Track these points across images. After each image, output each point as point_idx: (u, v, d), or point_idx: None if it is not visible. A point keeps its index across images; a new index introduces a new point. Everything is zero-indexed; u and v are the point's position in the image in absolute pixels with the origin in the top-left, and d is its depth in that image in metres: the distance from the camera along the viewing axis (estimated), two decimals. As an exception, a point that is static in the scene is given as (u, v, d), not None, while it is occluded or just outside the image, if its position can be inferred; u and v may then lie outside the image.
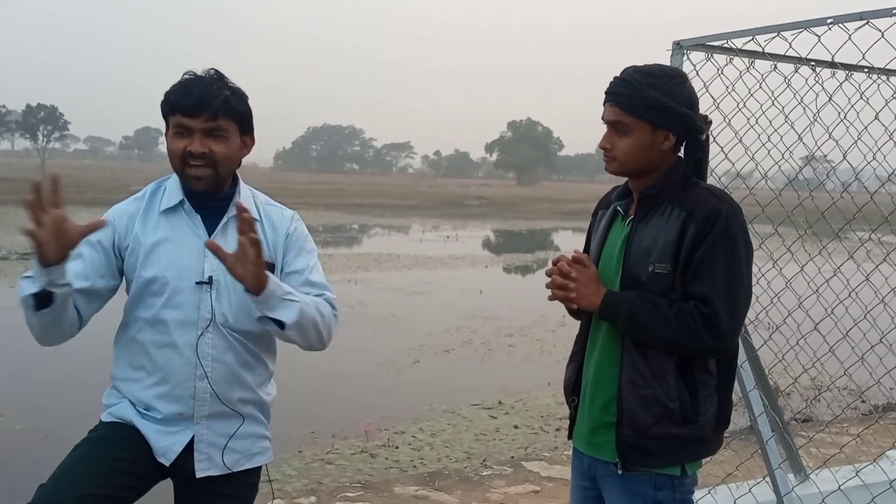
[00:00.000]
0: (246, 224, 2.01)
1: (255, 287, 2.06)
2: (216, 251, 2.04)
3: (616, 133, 2.20)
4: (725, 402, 2.22)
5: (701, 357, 2.15)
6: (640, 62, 2.23)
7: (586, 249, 2.40)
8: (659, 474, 2.17)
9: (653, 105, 2.13)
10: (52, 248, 1.97)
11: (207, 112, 2.21)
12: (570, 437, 2.40)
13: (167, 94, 2.25)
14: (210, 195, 2.30)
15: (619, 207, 2.30)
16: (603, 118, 2.23)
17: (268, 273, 2.08)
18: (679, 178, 2.20)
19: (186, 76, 2.27)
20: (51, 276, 2.00)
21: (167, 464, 2.26)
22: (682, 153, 2.25)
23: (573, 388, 2.35)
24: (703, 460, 2.30)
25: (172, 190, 2.33)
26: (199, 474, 2.27)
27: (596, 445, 2.26)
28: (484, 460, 5.94)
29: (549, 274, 2.25)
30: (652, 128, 2.16)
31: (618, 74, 2.22)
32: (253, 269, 2.03)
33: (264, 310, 2.12)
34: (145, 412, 2.28)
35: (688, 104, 2.18)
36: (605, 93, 2.22)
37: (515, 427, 7.08)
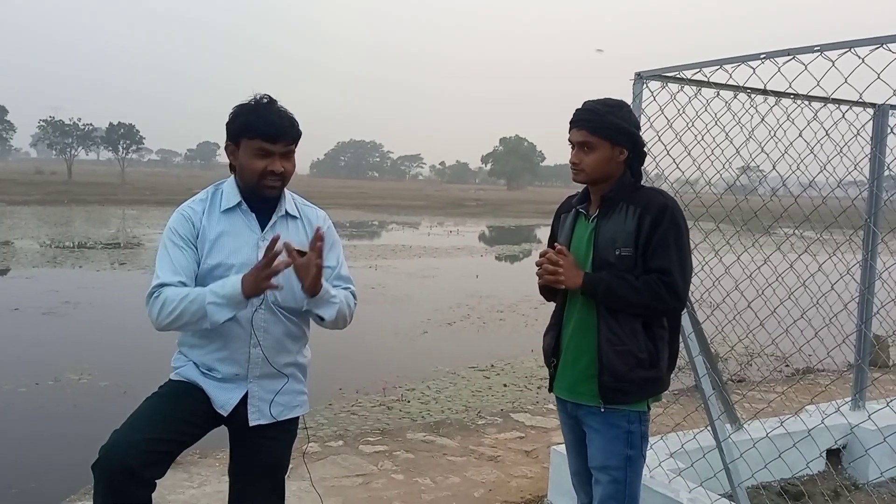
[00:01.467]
0: (318, 250, 2.11)
1: (311, 291, 2.15)
2: (290, 252, 2.07)
3: (583, 151, 2.28)
4: (675, 349, 2.35)
5: (662, 315, 2.25)
6: (602, 90, 2.31)
7: (553, 244, 2.44)
8: (631, 411, 2.26)
9: (612, 127, 2.23)
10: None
11: (287, 139, 2.20)
12: (550, 390, 2.46)
13: (246, 121, 2.19)
14: (265, 198, 2.28)
15: (581, 209, 2.38)
16: (571, 140, 2.31)
17: (323, 282, 2.16)
18: (628, 183, 2.29)
19: (258, 102, 2.21)
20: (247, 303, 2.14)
21: (225, 414, 2.26)
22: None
23: (553, 352, 2.41)
24: (659, 411, 2.31)
25: (229, 193, 2.30)
26: (251, 423, 2.27)
27: (578, 393, 2.32)
28: (479, 412, 5.95)
29: (539, 263, 2.30)
30: (611, 145, 2.25)
31: (580, 106, 2.30)
32: (312, 279, 2.12)
33: (313, 307, 2.21)
34: (207, 372, 2.27)
35: (635, 126, 2.31)
36: (572, 121, 2.30)
37: (505, 385, 7.09)
